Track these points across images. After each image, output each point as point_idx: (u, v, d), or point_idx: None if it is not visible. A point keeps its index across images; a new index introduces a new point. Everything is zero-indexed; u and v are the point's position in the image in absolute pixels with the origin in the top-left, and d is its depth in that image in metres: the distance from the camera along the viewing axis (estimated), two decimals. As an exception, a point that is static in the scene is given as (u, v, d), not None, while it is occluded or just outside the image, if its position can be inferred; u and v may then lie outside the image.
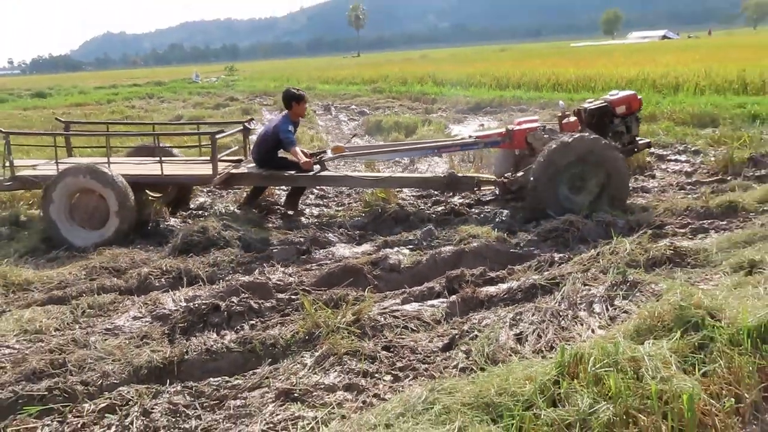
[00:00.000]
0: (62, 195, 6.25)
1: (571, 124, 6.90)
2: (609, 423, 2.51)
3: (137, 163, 7.46)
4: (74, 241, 6.18)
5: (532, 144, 6.88)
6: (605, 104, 6.96)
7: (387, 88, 24.38)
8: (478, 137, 7.30)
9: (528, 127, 7.01)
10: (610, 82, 18.19)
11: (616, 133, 6.89)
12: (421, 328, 4.04)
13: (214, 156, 6.69)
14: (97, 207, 6.31)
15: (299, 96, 7.20)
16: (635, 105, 6.98)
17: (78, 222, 6.33)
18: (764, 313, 3.17)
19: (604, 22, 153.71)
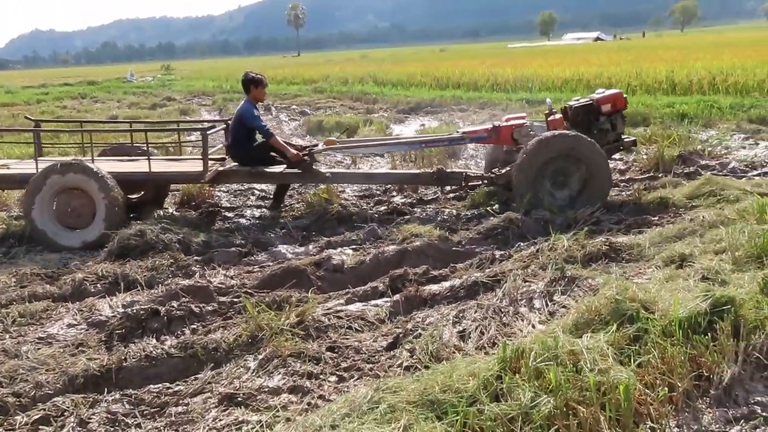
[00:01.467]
0: (47, 193, 6.07)
1: (556, 121, 6.99)
2: (550, 415, 2.57)
3: (122, 161, 7.26)
4: (59, 241, 6.02)
5: (518, 140, 6.98)
6: (591, 102, 7.04)
7: (328, 88, 24.31)
8: (465, 133, 7.38)
9: (514, 123, 7.12)
10: (546, 82, 18.64)
11: (601, 130, 6.97)
12: (365, 328, 4.05)
13: (205, 153, 6.59)
14: (83, 205, 6.13)
15: (258, 80, 7.11)
16: (620, 103, 7.06)
17: (61, 221, 6.15)
18: (694, 305, 3.31)
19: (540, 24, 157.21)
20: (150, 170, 6.54)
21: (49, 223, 6.10)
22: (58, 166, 6.13)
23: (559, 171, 6.44)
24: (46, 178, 6.08)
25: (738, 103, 12.49)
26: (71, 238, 6.09)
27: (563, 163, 6.39)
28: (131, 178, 6.76)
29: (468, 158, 9.90)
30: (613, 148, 7.12)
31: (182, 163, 7.35)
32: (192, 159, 7.75)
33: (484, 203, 6.85)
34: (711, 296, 3.35)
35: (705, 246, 4.66)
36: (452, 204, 7.34)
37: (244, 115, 6.91)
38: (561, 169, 6.43)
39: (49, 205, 6.14)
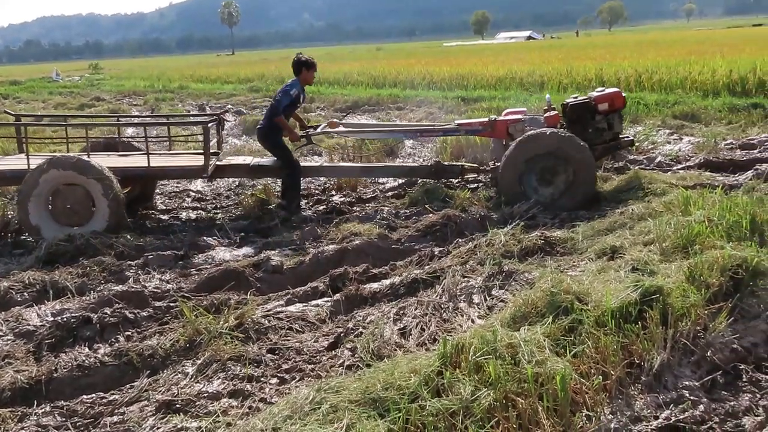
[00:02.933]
0: (43, 190, 5.89)
1: (552, 118, 7.02)
2: (490, 408, 2.61)
3: (121, 156, 7.07)
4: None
5: (513, 135, 6.98)
6: (588, 100, 7.01)
7: (264, 87, 24.01)
8: (460, 124, 7.41)
9: (511, 118, 7.16)
10: (481, 81, 18.91)
11: (598, 129, 6.95)
12: (306, 329, 4.02)
13: (207, 147, 6.48)
14: (81, 202, 5.97)
15: (310, 62, 7.05)
16: (618, 102, 7.03)
17: (58, 219, 5.97)
18: (625, 295, 3.43)
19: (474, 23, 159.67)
20: (149, 165, 6.39)
21: (45, 221, 5.90)
22: (55, 162, 5.92)
23: (545, 169, 6.47)
24: (42, 175, 5.87)
25: (663, 99, 12.98)
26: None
27: (549, 161, 6.44)
28: (130, 174, 6.57)
29: (406, 156, 9.95)
30: (610, 148, 7.17)
31: (181, 157, 7.20)
32: (188, 153, 7.59)
33: (423, 201, 6.89)
34: (640, 286, 3.48)
35: (635, 238, 4.82)
36: (391, 202, 7.37)
37: (285, 90, 6.87)
38: (547, 167, 6.45)
39: (45, 203, 5.94)
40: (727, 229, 4.51)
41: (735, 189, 6.18)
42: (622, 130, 7.28)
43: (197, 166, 6.61)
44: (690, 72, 14.92)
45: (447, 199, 6.87)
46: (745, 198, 5.03)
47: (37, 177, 5.88)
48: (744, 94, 12.99)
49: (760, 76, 13.32)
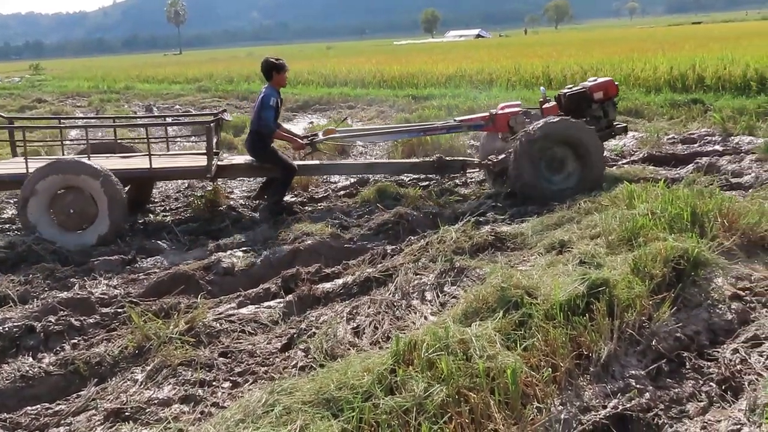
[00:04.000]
0: (44, 194, 5.75)
1: (551, 109, 7.15)
2: (443, 404, 2.63)
3: (123, 158, 6.95)
4: (60, 243, 5.67)
5: (514, 128, 7.04)
6: (584, 90, 7.17)
7: (213, 87, 23.68)
8: (462, 120, 7.45)
9: (510, 111, 7.22)
10: (431, 79, 19.03)
11: (594, 117, 7.11)
12: (258, 331, 3.99)
13: (210, 147, 6.39)
14: (81, 206, 5.84)
15: (279, 65, 6.85)
16: (612, 91, 7.22)
17: (59, 223, 5.84)
18: (573, 288, 3.50)
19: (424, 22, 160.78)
20: (151, 167, 6.28)
21: (46, 225, 5.78)
22: (56, 165, 5.81)
23: (555, 156, 6.56)
24: (43, 178, 5.73)
25: (607, 96, 13.27)
26: (69, 240, 5.77)
27: (560, 149, 6.53)
28: (132, 175, 6.49)
29: (358, 155, 9.95)
30: (606, 134, 7.29)
31: (182, 158, 7.11)
32: (188, 154, 7.50)
33: (375, 200, 6.90)
34: (588, 279, 3.56)
35: (582, 232, 4.93)
36: (343, 201, 7.36)
37: (264, 103, 6.68)
38: (557, 154, 6.55)
39: (47, 206, 5.81)
40: (669, 221, 4.64)
41: (677, 182, 6.37)
42: (616, 117, 7.49)
43: (200, 167, 6.52)
44: (633, 69, 15.31)
45: (399, 197, 6.89)
46: (686, 191, 5.19)
47: (38, 180, 5.74)
48: (684, 90, 13.41)
49: (699, 73, 13.77)
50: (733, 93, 12.23)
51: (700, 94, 12.60)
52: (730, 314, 3.72)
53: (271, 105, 6.68)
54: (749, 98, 11.28)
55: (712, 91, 12.84)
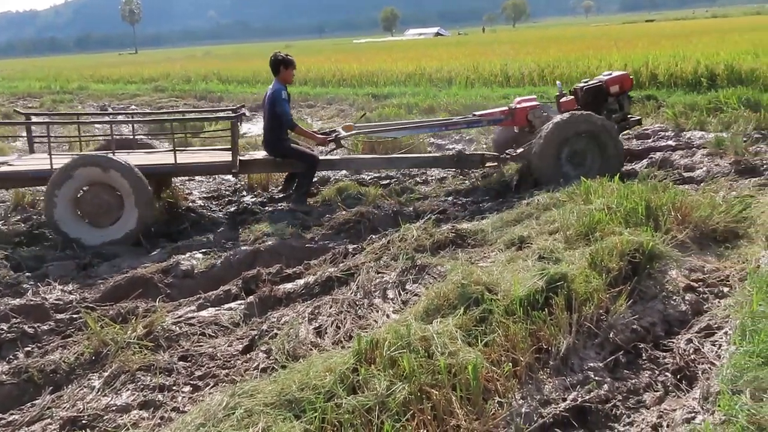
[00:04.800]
0: (70, 190, 5.72)
1: (568, 103, 7.29)
2: (405, 402, 2.64)
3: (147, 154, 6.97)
4: (84, 241, 5.68)
5: (533, 121, 7.17)
6: (600, 84, 7.30)
7: (170, 87, 23.30)
8: (482, 115, 7.53)
9: (529, 105, 7.32)
10: (391, 77, 19.06)
11: (610, 110, 7.26)
12: (219, 333, 3.94)
13: (235, 142, 6.46)
14: (107, 202, 5.84)
15: (288, 60, 6.91)
16: (627, 84, 7.39)
17: (84, 219, 5.83)
18: (532, 283, 3.55)
19: (383, 20, 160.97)
20: (176, 162, 6.29)
21: (72, 222, 5.74)
22: (82, 161, 5.77)
23: (577, 149, 6.71)
24: (69, 174, 5.69)
25: (564, 93, 13.46)
26: (95, 236, 5.76)
27: (582, 141, 6.68)
28: (157, 171, 6.44)
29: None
30: (621, 127, 7.42)
31: (205, 154, 7.14)
32: (211, 150, 7.59)
33: (336, 199, 6.88)
34: (546, 274, 3.61)
35: (541, 227, 5.00)
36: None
37: (275, 97, 6.73)
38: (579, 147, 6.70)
39: (73, 203, 5.78)
40: (625, 215, 4.75)
41: (632, 177, 6.50)
42: (630, 111, 7.64)
43: (226, 162, 6.56)
44: (588, 66, 15.55)
45: (359, 196, 6.89)
46: (640, 186, 5.31)
47: (65, 176, 5.69)
48: (638, 87, 13.66)
49: (652, 70, 14.07)
50: (685, 89, 12.53)
51: (654, 91, 12.87)
52: (684, 305, 3.82)
53: (284, 98, 6.75)
54: (700, 94, 11.56)
55: (664, 88, 13.14)
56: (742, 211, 5.20)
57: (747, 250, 4.61)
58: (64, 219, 5.72)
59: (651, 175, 6.52)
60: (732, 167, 7.05)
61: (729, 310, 3.60)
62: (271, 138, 6.86)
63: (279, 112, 6.69)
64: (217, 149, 7.60)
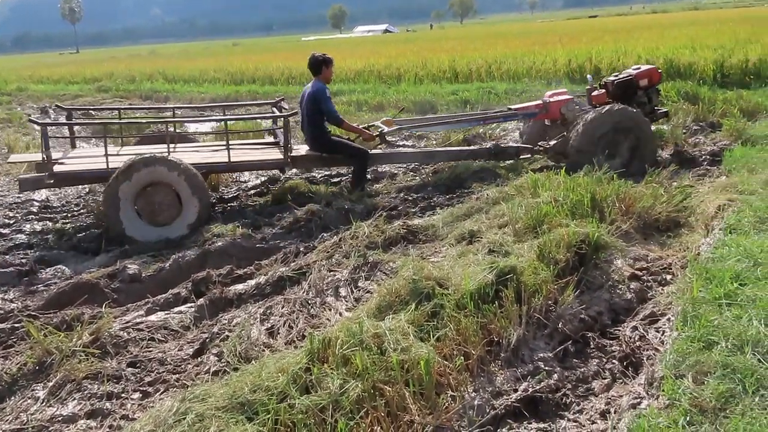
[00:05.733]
0: (132, 189, 5.80)
1: (599, 96, 7.43)
2: (359, 399, 2.64)
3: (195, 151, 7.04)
4: (142, 238, 5.76)
5: (565, 115, 7.32)
6: (630, 77, 7.42)
7: (113, 87, 22.71)
8: (517, 109, 7.75)
9: (562, 99, 7.48)
10: (340, 74, 18.97)
11: (639, 103, 7.36)
12: (169, 337, 3.87)
13: (287, 138, 6.64)
14: (167, 200, 5.93)
15: (328, 59, 7.08)
16: (656, 78, 7.54)
17: (144, 218, 5.92)
18: (482, 277, 3.59)
19: (332, 17, 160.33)
20: (230, 160, 6.42)
21: (133, 220, 5.83)
22: (144, 160, 5.84)
23: (612, 141, 6.84)
24: (132, 173, 5.77)
25: (511, 88, 13.69)
26: (154, 234, 5.84)
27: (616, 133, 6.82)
28: (211, 169, 6.66)
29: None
30: (650, 119, 7.47)
31: (254, 151, 7.23)
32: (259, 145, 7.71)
33: (286, 198, 6.82)
34: (496, 267, 3.66)
35: (490, 221, 5.06)
36: (254, 200, 7.24)
37: (319, 96, 6.83)
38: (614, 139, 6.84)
39: (132, 202, 5.86)
40: (571, 207, 4.84)
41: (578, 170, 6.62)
42: (659, 104, 7.81)
43: (279, 159, 6.74)
44: (534, 62, 15.84)
45: (310, 194, 6.85)
46: (586, 178, 5.43)
47: (127, 176, 5.76)
48: (582, 81, 13.93)
49: (596, 64, 14.40)
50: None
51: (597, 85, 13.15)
52: (629, 294, 3.92)
53: (328, 96, 6.93)
54: (641, 88, 11.86)
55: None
56: (682, 201, 5.37)
57: (688, 239, 4.77)
58: (125, 216, 5.80)
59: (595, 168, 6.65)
60: (672, 158, 7.28)
61: (671, 297, 3.71)
62: (316, 134, 7.01)
63: (325, 109, 6.86)
64: (261, 143, 7.75)
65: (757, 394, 2.50)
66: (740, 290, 3.30)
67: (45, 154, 6.04)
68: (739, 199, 4.99)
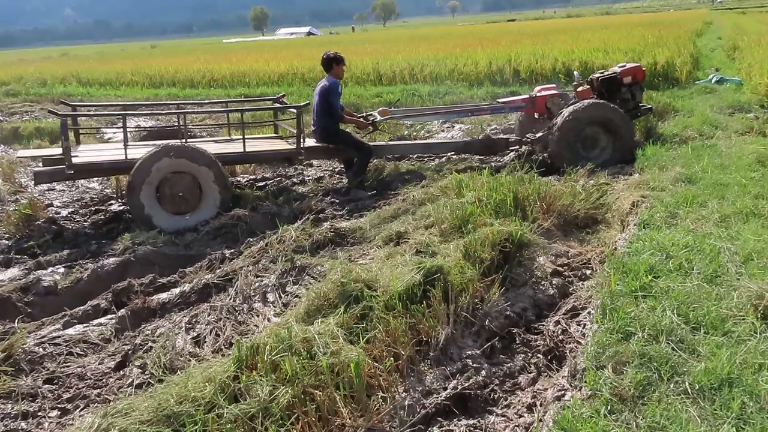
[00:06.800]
0: (154, 178, 5.96)
1: (584, 92, 7.74)
2: (289, 405, 2.61)
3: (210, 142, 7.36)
4: (166, 227, 5.86)
5: (551, 109, 7.69)
6: (614, 74, 7.72)
7: (23, 91, 21.60)
8: (505, 102, 8.20)
9: (548, 94, 7.87)
10: (263, 77, 18.76)
11: (623, 100, 7.66)
12: (89, 351, 3.73)
13: (300, 130, 6.82)
14: (189, 190, 6.08)
15: (339, 57, 7.40)
16: (640, 76, 7.83)
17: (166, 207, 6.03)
18: (410, 277, 3.61)
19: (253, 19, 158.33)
20: (245, 150, 6.67)
21: (156, 209, 5.96)
22: (168, 150, 5.99)
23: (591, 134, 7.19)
24: (154, 163, 5.94)
25: (435, 90, 13.87)
26: (178, 222, 5.97)
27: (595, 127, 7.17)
28: (229, 159, 6.83)
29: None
30: (633, 115, 7.77)
31: (268, 142, 7.49)
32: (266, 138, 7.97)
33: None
34: (423, 267, 3.69)
35: (417, 222, 5.10)
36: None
37: (332, 91, 7.17)
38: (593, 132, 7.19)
39: (155, 191, 5.99)
40: (495, 207, 4.95)
41: (500, 170, 6.77)
42: (642, 100, 8.12)
43: (293, 150, 6.97)
44: (456, 64, 16.10)
45: (236, 199, 6.73)
46: (508, 178, 5.56)
47: (150, 165, 5.92)
48: (503, 83, 14.34)
49: (515, 67, 14.80)
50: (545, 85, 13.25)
51: (516, 87, 13.52)
52: (552, 289, 4.04)
53: (339, 92, 7.32)
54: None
55: (527, 84, 13.83)
56: (599, 198, 5.59)
57: (605, 234, 4.96)
58: (149, 207, 5.93)
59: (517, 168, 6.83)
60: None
61: (591, 291, 3.85)
62: (325, 126, 7.27)
63: (333, 104, 7.15)
64: (272, 137, 7.97)
65: (672, 380, 2.62)
66: (654, 282, 3.46)
67: (64, 145, 6.02)
68: (651, 195, 5.22)
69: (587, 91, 7.88)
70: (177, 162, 6.01)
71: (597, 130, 7.25)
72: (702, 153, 6.43)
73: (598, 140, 7.29)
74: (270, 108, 8.69)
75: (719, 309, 3.12)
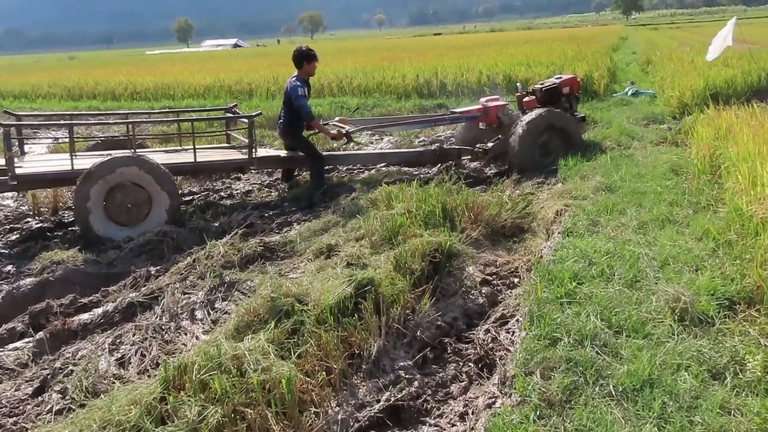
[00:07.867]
0: (101, 189, 5.82)
1: (530, 102, 8.15)
2: (219, 425, 2.55)
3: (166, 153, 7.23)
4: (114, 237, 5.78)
5: (501, 119, 7.93)
6: (555, 85, 8.13)
7: (-71, 104, 20.47)
8: (461, 112, 8.39)
9: (499, 104, 8.11)
10: (189, 89, 18.39)
11: (564, 109, 8.02)
12: (4, 377, 3.54)
13: (252, 139, 6.71)
14: (137, 201, 5.95)
15: (311, 54, 7.18)
16: (575, 86, 8.40)
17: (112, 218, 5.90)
18: (341, 290, 3.60)
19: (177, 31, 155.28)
20: (195, 160, 6.53)
21: (102, 221, 5.83)
22: (116, 161, 5.88)
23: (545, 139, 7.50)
24: (103, 174, 5.80)
25: (363, 103, 13.94)
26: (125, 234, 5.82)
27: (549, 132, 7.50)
28: (179, 169, 6.69)
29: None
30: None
31: (216, 152, 7.35)
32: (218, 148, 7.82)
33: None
34: (354, 280, 3.69)
35: (347, 234, 5.10)
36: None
37: (292, 92, 6.98)
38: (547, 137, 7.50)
39: (101, 202, 5.85)
40: (424, 218, 5.01)
41: (429, 182, 6.86)
42: (577, 109, 8.61)
43: (245, 159, 6.85)
44: (384, 77, 16.23)
45: None
46: (437, 189, 5.63)
47: (99, 176, 5.78)
48: (430, 96, 14.56)
49: (441, 79, 15.06)
50: (471, 97, 13.54)
51: (444, 99, 13.76)
52: (481, 298, 4.12)
53: (300, 95, 6.99)
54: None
55: (453, 96, 14.11)
56: (525, 207, 5.73)
57: (531, 243, 5.09)
58: (95, 218, 5.79)
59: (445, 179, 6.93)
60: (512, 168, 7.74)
61: (519, 299, 3.94)
62: (290, 128, 7.23)
63: (298, 105, 6.98)
64: (224, 147, 7.84)
65: (597, 384, 2.71)
66: (579, 289, 3.57)
67: (8, 156, 5.79)
68: (573, 204, 5.40)
69: (533, 101, 8.25)
70: (127, 172, 5.90)
71: (552, 136, 7.58)
72: (620, 163, 6.70)
73: (551, 146, 7.61)
74: (222, 118, 8.54)
75: (639, 313, 3.25)
